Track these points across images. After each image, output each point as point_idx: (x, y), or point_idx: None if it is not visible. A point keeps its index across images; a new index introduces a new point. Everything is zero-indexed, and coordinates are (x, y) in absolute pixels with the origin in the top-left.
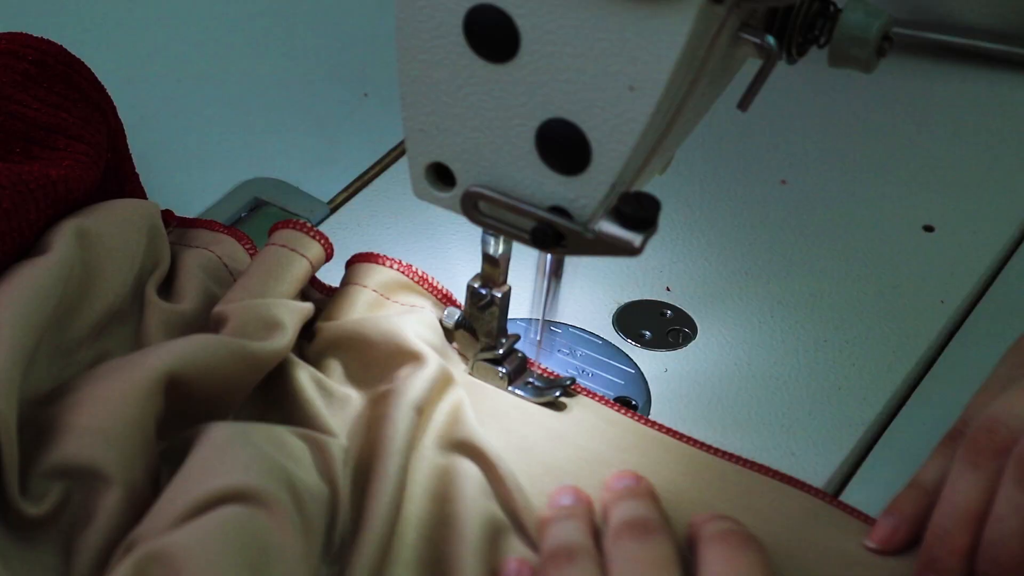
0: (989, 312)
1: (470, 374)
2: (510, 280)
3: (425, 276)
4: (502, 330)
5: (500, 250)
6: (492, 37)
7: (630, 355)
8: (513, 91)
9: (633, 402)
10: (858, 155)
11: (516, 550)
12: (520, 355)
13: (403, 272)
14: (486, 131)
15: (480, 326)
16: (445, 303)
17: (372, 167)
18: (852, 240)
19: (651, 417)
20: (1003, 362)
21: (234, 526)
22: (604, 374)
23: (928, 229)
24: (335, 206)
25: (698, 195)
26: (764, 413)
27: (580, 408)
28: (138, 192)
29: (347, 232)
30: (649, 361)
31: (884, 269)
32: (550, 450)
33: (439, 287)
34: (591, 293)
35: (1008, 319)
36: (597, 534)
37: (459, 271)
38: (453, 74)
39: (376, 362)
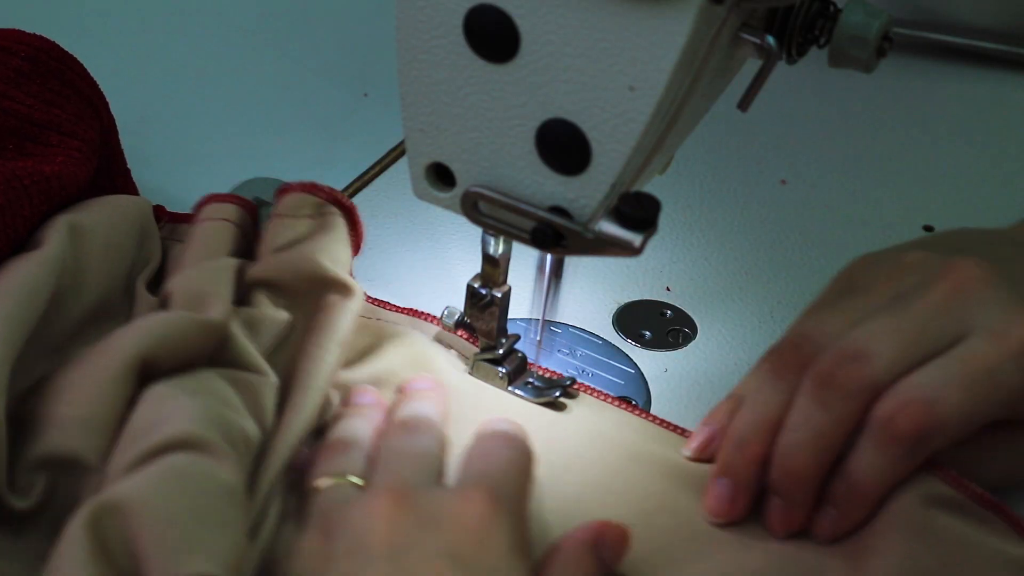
0: None
1: (470, 374)
2: (510, 280)
3: (327, 190)
4: (502, 330)
5: (500, 250)
6: (492, 37)
7: (630, 355)
8: (513, 91)
9: (633, 402)
10: (858, 155)
11: None
12: (520, 355)
13: (310, 192)
14: (486, 131)
15: (480, 326)
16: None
17: (372, 167)
18: (852, 240)
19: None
20: (831, 284)
21: (181, 472)
22: (604, 374)
23: (928, 229)
24: None
25: (698, 195)
26: None
27: (581, 406)
28: (130, 188)
29: None
30: (649, 361)
31: None
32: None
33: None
34: (591, 293)
35: None
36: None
37: (459, 271)
38: (453, 74)
39: (300, 295)
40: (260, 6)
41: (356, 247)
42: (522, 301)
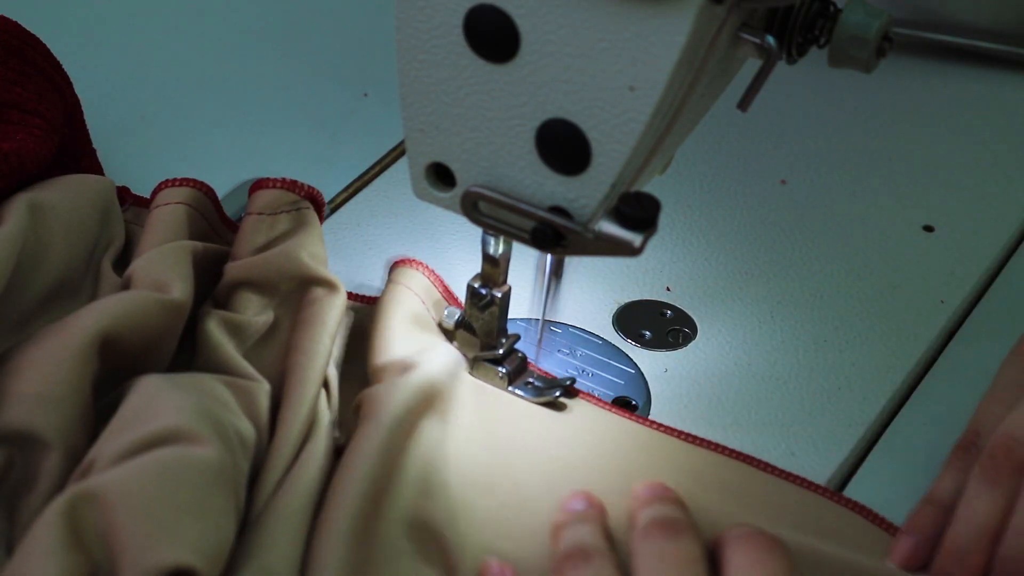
0: (989, 312)
1: (470, 374)
2: (510, 280)
3: (304, 186)
4: (502, 330)
5: (500, 250)
6: (492, 37)
7: (630, 355)
8: (513, 91)
9: (633, 402)
10: (858, 155)
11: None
12: (520, 355)
13: (287, 188)
14: (486, 131)
15: (480, 326)
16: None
17: (372, 167)
18: (852, 240)
19: (651, 417)
20: (1010, 364)
21: (164, 463)
22: (604, 374)
23: (928, 229)
24: (335, 206)
25: (698, 195)
26: (764, 413)
27: (580, 409)
28: (95, 167)
29: (347, 232)
30: (649, 361)
31: (884, 269)
32: (550, 450)
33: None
34: (591, 293)
35: (1008, 319)
36: (610, 539)
37: (459, 271)
38: (453, 74)
39: (284, 293)
40: (260, 6)
41: None
42: (522, 301)
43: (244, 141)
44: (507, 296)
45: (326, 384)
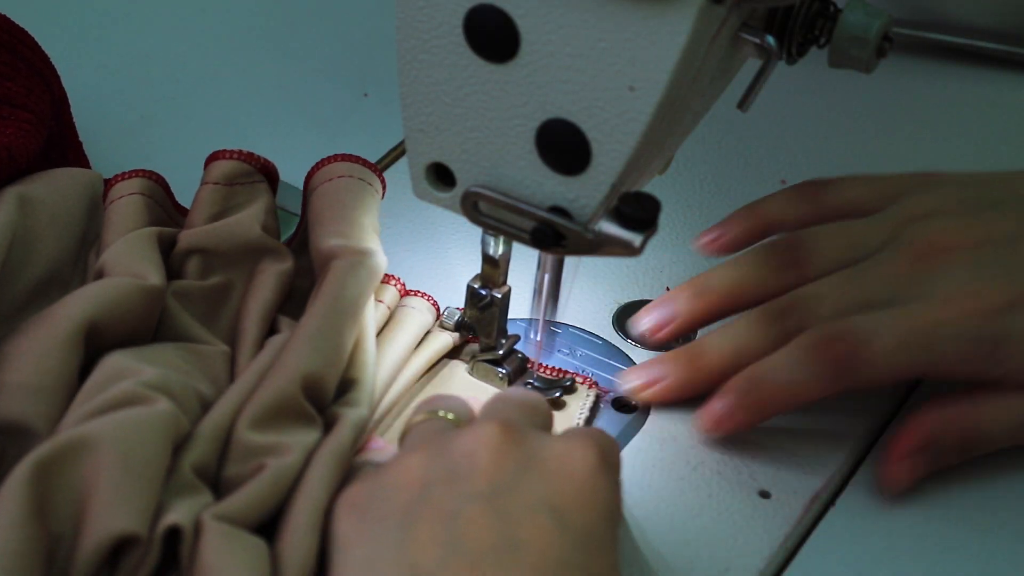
0: None
1: (470, 374)
2: (510, 280)
3: (261, 159)
4: (502, 330)
5: (500, 250)
6: (492, 37)
7: (630, 355)
8: (513, 91)
9: (633, 402)
10: (858, 155)
11: None
12: (520, 355)
13: (243, 160)
14: (486, 131)
15: (480, 326)
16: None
17: None
18: None
19: (651, 417)
20: (849, 186)
21: (150, 416)
22: (604, 374)
23: None
24: None
25: (698, 195)
26: None
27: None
28: (82, 161)
29: None
30: None
31: None
32: None
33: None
34: (591, 293)
35: None
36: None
37: (459, 271)
38: (453, 74)
39: (236, 261)
40: (260, 6)
41: None
42: (522, 301)
43: (244, 141)
44: (507, 296)
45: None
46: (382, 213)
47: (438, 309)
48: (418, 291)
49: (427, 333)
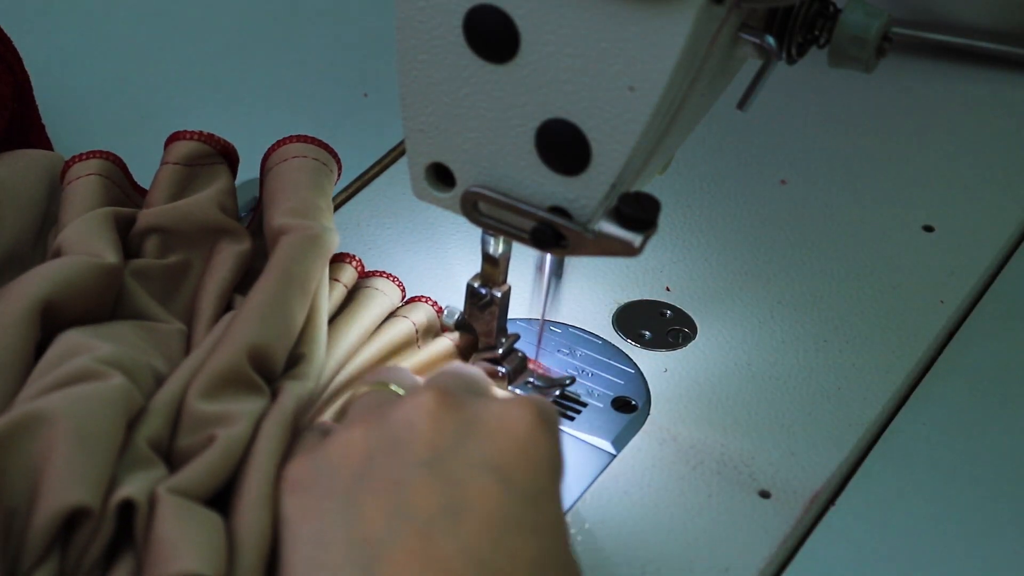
0: (989, 312)
1: None
2: (510, 280)
3: (221, 140)
4: (502, 330)
5: (500, 250)
6: (492, 37)
7: (630, 355)
8: (513, 91)
9: (633, 402)
10: (858, 155)
11: None
12: (520, 355)
13: (203, 141)
14: (486, 131)
15: (480, 326)
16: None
17: (372, 167)
18: (852, 240)
19: (651, 417)
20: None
21: (104, 391)
22: (604, 374)
23: (928, 229)
24: (335, 206)
25: (698, 195)
26: (764, 413)
27: None
28: (44, 143)
29: (347, 232)
30: (649, 361)
31: (884, 269)
32: None
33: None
34: (591, 293)
35: (1008, 319)
36: None
37: (459, 271)
38: (453, 74)
39: (194, 241)
40: (260, 6)
41: None
42: (522, 301)
43: (244, 141)
44: (507, 296)
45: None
46: (382, 212)
47: (437, 308)
48: (385, 272)
49: (399, 316)
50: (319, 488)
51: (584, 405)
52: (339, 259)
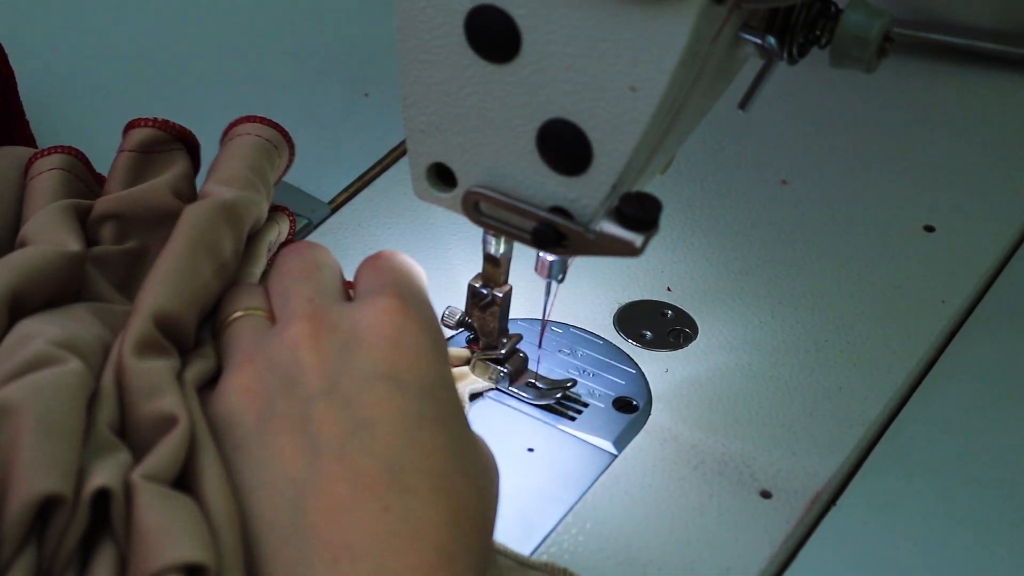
0: (990, 312)
1: (472, 373)
2: (511, 280)
3: (177, 126)
4: (503, 330)
5: (501, 250)
6: (493, 38)
7: (631, 355)
8: (514, 91)
9: (634, 402)
10: (858, 155)
11: None
12: (522, 355)
13: (159, 127)
14: (487, 131)
15: (481, 326)
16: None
17: (373, 167)
18: (852, 240)
19: (651, 417)
20: None
21: (63, 377)
22: (605, 374)
23: (929, 229)
24: (336, 206)
25: (699, 195)
26: (765, 413)
27: None
28: (27, 138)
29: (347, 232)
30: (650, 361)
31: (884, 269)
32: None
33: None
34: (591, 293)
35: (1009, 319)
36: None
37: (460, 271)
38: (454, 75)
39: (151, 228)
40: (260, 6)
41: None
42: (523, 301)
43: None
44: (508, 296)
45: None
46: (382, 213)
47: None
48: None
49: None
50: (230, 438)
51: (585, 405)
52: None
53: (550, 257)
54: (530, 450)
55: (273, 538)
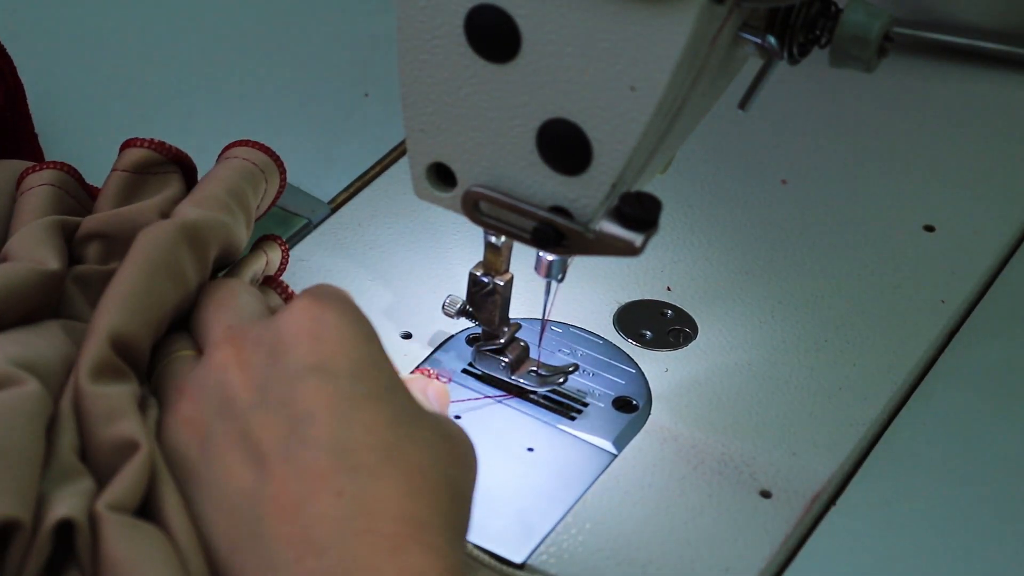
0: (989, 312)
1: (473, 362)
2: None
3: (173, 149)
4: (504, 319)
5: (502, 238)
6: (493, 37)
7: (631, 355)
8: (514, 91)
9: (634, 402)
10: (858, 155)
11: None
12: (523, 344)
13: (154, 149)
14: (487, 131)
15: (482, 315)
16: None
17: (373, 167)
18: (852, 240)
19: (651, 417)
20: None
21: (19, 399)
22: (605, 374)
23: (928, 229)
24: (336, 206)
25: (699, 195)
26: (764, 413)
27: None
28: (36, 152)
29: (347, 232)
30: (650, 361)
31: (884, 269)
32: None
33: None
34: (591, 293)
35: (1008, 319)
36: None
37: (460, 271)
38: (454, 74)
39: (128, 245)
40: (260, 6)
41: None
42: (523, 301)
43: None
44: (509, 285)
45: None
46: (382, 212)
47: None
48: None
49: None
50: (179, 471)
51: (585, 405)
52: (267, 282)
53: (550, 257)
54: (530, 450)
55: (237, 553)
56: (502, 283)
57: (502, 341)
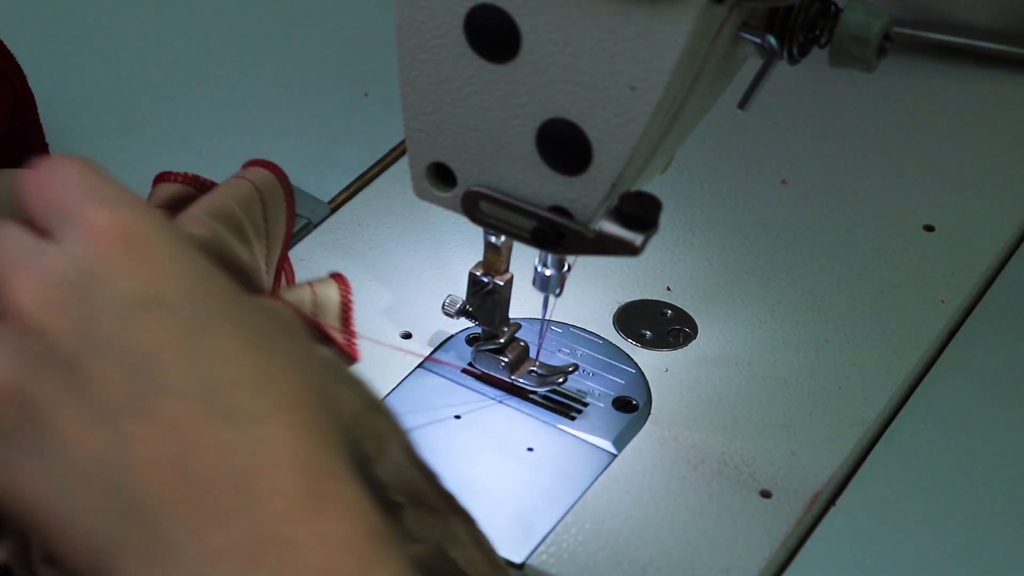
0: (989, 312)
1: (473, 362)
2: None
3: (207, 182)
4: (503, 319)
5: (502, 238)
6: (493, 37)
7: (631, 355)
8: (514, 91)
9: (633, 402)
10: (858, 155)
11: None
12: (522, 344)
13: (187, 183)
14: (487, 131)
15: (481, 315)
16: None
17: (372, 167)
18: (852, 240)
19: (651, 417)
20: None
21: None
22: (605, 374)
23: (928, 229)
24: (335, 206)
25: (699, 195)
26: (765, 413)
27: None
28: None
29: (347, 232)
30: (650, 361)
31: (884, 269)
32: None
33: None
34: (591, 293)
35: (1009, 319)
36: None
37: (460, 271)
38: (454, 74)
39: None
40: (260, 6)
41: None
42: (523, 301)
43: (244, 141)
44: (509, 285)
45: None
46: (382, 212)
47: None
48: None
49: None
50: (13, 440)
51: (585, 405)
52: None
53: (548, 272)
54: (530, 450)
55: (117, 542)
56: (502, 283)
57: (502, 341)
